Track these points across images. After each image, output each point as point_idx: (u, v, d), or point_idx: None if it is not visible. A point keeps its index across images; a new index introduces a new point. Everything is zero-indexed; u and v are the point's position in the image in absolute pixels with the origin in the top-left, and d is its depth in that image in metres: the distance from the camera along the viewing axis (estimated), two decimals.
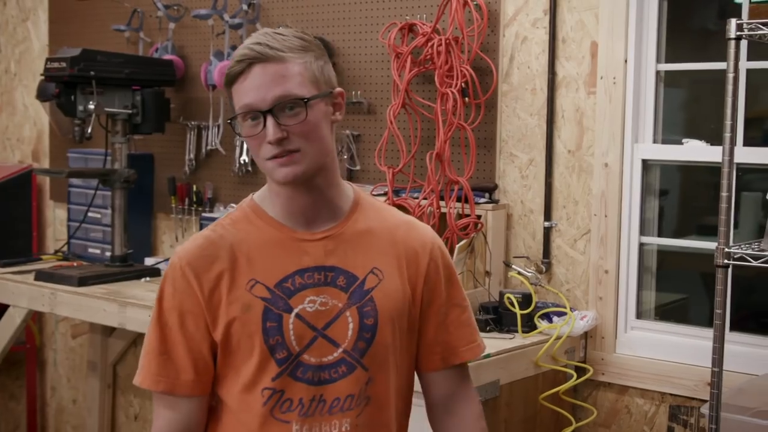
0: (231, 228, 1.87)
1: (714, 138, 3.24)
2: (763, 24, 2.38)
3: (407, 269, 1.93)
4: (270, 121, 1.77)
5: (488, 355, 3.03)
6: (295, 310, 1.82)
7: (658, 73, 3.33)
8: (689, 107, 3.61)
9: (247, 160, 4.24)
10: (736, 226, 4.28)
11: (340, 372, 1.85)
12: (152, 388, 1.86)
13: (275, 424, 1.84)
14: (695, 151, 3.29)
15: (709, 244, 3.39)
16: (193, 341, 1.83)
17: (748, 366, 3.03)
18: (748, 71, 3.14)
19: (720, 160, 3.18)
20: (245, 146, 4.23)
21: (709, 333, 3.23)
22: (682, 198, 3.67)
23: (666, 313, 3.58)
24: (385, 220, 1.96)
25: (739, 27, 2.40)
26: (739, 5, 3.16)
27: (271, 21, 4.15)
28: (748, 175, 4.22)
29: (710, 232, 3.62)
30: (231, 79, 1.81)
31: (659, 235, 3.44)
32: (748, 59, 3.11)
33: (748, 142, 3.19)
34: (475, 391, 2.13)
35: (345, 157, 3.96)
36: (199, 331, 1.83)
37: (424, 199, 3.56)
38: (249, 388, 1.84)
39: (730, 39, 2.41)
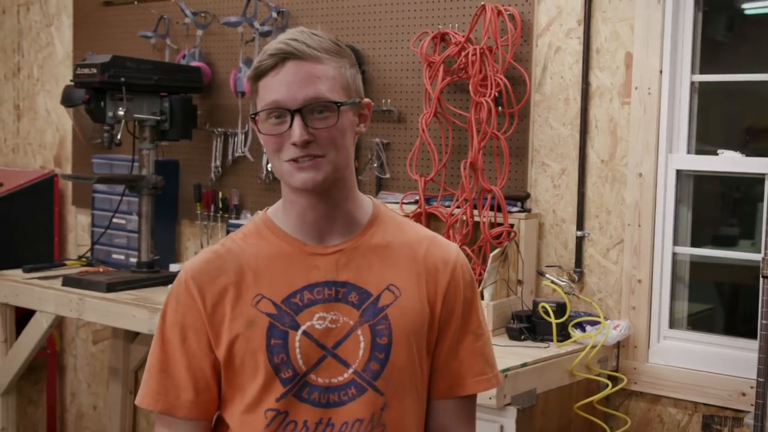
0: (241, 242, 1.79)
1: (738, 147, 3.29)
2: None
3: (427, 287, 1.80)
4: (298, 121, 1.68)
5: (525, 364, 3.04)
6: (303, 327, 1.72)
7: (692, 84, 3.35)
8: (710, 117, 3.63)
9: None
10: (752, 237, 4.32)
11: (349, 394, 1.72)
12: (151, 407, 1.78)
13: None
14: (730, 162, 3.30)
15: (738, 254, 3.41)
16: (195, 358, 1.74)
17: None
18: (753, 83, 3.26)
19: (753, 171, 3.25)
20: None
21: (742, 343, 3.28)
22: (700, 208, 3.69)
23: (696, 322, 3.60)
24: (405, 234, 1.84)
25: None
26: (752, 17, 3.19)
27: (298, 26, 4.16)
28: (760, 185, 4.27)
29: (726, 242, 3.66)
30: (261, 73, 1.71)
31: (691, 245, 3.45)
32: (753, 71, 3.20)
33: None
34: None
35: (375, 165, 3.97)
36: (201, 347, 1.74)
37: (458, 207, 3.57)
38: (252, 408, 1.74)
39: None
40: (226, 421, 1.79)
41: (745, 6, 3.46)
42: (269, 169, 4.26)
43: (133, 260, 4.36)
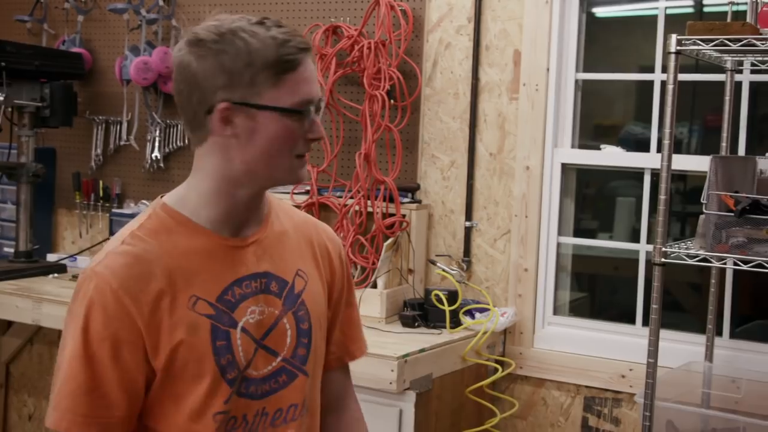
0: (151, 239, 1.62)
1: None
2: (701, 40, 2.56)
3: (323, 269, 1.82)
4: (318, 117, 1.63)
5: (423, 350, 3.13)
6: (240, 324, 1.65)
7: (577, 81, 3.51)
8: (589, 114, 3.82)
9: (159, 156, 4.21)
10: (611, 229, 4.56)
11: (280, 382, 1.69)
12: (75, 428, 1.56)
13: None
14: (612, 156, 3.49)
15: (627, 245, 3.60)
16: (128, 373, 1.57)
17: (662, 359, 3.23)
18: (597, 82, 3.48)
19: (634, 165, 3.45)
20: (157, 142, 4.21)
21: (621, 327, 3.47)
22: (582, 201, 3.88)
23: (575, 309, 3.78)
24: (293, 219, 1.82)
25: (679, 42, 2.58)
26: (646, 19, 3.39)
27: (188, 17, 4.15)
28: (617, 181, 4.51)
29: (586, 235, 3.86)
30: (290, 66, 1.57)
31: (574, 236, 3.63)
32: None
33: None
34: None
35: None
36: (135, 361, 1.57)
37: (351, 198, 3.64)
38: (198, 415, 1.62)
39: (670, 53, 2.59)
40: (158, 431, 1.65)
41: (595, 10, 3.65)
42: (154, 158, 4.21)
43: (8, 250, 4.25)
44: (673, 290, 4.05)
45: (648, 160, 3.38)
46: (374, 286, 3.56)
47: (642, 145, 3.57)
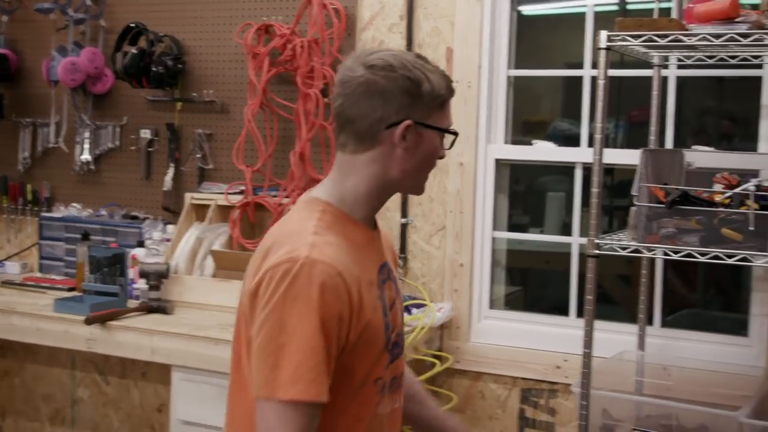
0: (332, 233, 1.83)
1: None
2: (630, 36, 2.63)
3: (393, 257, 2.07)
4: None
5: None
6: (387, 303, 1.90)
7: (508, 78, 3.56)
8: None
9: (89, 159, 4.16)
10: (542, 224, 4.65)
11: (395, 353, 1.93)
12: (318, 399, 1.73)
13: (377, 408, 1.89)
14: (545, 151, 3.55)
15: (560, 239, 3.67)
16: (336, 348, 1.77)
17: (596, 349, 3.29)
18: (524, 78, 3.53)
19: (565, 160, 3.51)
20: (86, 144, 4.17)
21: (555, 320, 3.53)
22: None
23: (511, 302, 3.84)
24: None
25: (609, 38, 2.64)
26: (572, 17, 3.46)
27: (116, 17, 4.10)
28: (546, 176, 4.60)
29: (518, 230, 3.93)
30: (449, 97, 1.89)
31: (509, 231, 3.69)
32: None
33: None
34: None
35: (197, 156, 3.97)
36: (342, 336, 1.78)
37: (286, 197, 3.64)
38: (364, 381, 1.85)
39: (600, 49, 2.64)
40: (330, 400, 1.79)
41: (524, 8, 3.72)
42: (83, 160, 4.16)
43: None
44: (603, 282, 4.14)
45: (579, 155, 3.44)
46: None
47: (570, 141, 3.64)
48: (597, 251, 2.70)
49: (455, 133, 1.92)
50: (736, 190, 2.62)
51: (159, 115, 4.09)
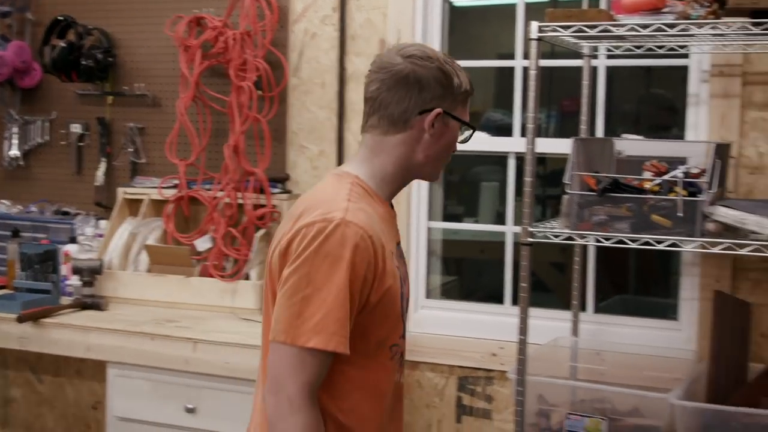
0: (364, 203, 1.95)
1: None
2: (560, 27, 2.66)
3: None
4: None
5: None
6: (402, 277, 2.03)
7: None
8: None
9: (18, 154, 4.09)
10: (476, 214, 4.70)
11: (405, 328, 2.07)
12: (341, 349, 1.85)
13: (393, 376, 2.03)
14: (479, 141, 3.56)
15: (495, 228, 3.71)
16: (356, 308, 1.89)
17: (530, 336, 3.34)
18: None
19: (499, 149, 3.55)
20: (15, 140, 4.10)
21: (492, 308, 3.58)
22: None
23: (447, 292, 3.87)
24: None
25: (540, 29, 2.67)
26: (502, 8, 3.49)
27: (44, 10, 4.04)
28: (479, 167, 4.65)
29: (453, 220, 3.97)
30: (469, 95, 2.05)
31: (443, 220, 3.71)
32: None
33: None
34: None
35: (130, 150, 3.93)
36: (362, 298, 1.90)
37: (221, 191, 3.62)
38: (381, 345, 1.96)
39: (531, 39, 2.68)
40: (339, 356, 1.90)
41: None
42: (12, 156, 4.09)
43: None
44: (538, 270, 4.20)
45: (512, 145, 3.48)
46: (247, 277, 3.56)
47: (502, 131, 3.67)
48: (530, 239, 2.73)
49: (474, 127, 2.08)
50: (665, 178, 2.68)
51: (89, 109, 4.04)
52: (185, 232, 3.74)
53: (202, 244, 3.66)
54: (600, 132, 3.39)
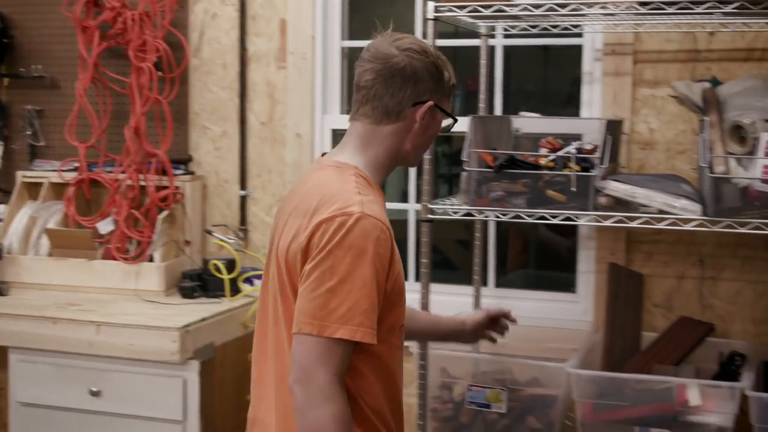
0: (370, 194, 1.99)
1: None
2: (457, 7, 2.71)
3: None
4: None
5: (204, 319, 3.16)
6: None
7: (342, 49, 3.61)
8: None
9: None
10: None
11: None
12: (366, 339, 1.88)
13: (402, 353, 2.10)
14: None
15: (398, 206, 3.75)
16: (382, 296, 1.95)
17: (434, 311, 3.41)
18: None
19: None
20: None
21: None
22: None
23: None
24: None
25: (437, 9, 2.71)
26: None
27: None
28: None
29: None
30: (454, 89, 2.14)
31: None
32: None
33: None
34: None
35: (28, 133, 3.87)
36: (383, 288, 1.94)
37: (122, 172, 3.59)
38: (392, 327, 2.01)
39: (427, 20, 2.72)
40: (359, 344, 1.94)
41: None
42: None
43: None
44: (444, 247, 4.27)
45: None
46: (151, 259, 3.54)
47: None
48: (430, 216, 2.78)
49: (456, 120, 2.16)
50: (559, 154, 2.75)
51: None
52: (87, 215, 3.70)
53: (105, 226, 3.63)
54: (499, 110, 3.46)
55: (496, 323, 2.62)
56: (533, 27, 3.08)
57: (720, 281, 3.19)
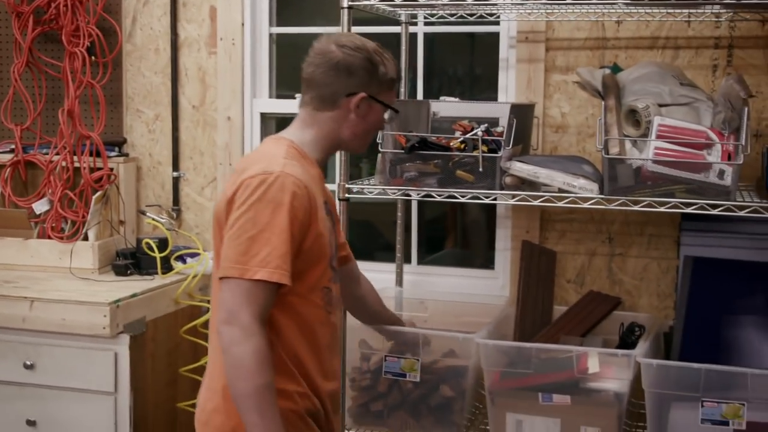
0: (297, 161, 2.24)
1: None
2: None
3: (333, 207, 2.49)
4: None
5: (135, 295, 3.28)
6: (330, 228, 2.33)
7: (271, 35, 3.74)
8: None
9: None
10: None
11: (336, 277, 2.38)
12: (284, 280, 2.11)
13: (327, 316, 2.31)
14: None
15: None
16: (296, 246, 2.17)
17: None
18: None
19: None
20: None
21: None
22: None
23: None
24: None
25: None
26: None
27: None
28: None
29: None
30: (398, 82, 2.39)
31: None
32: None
33: None
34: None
35: None
36: (300, 241, 2.17)
37: (57, 154, 3.70)
38: (313, 286, 2.24)
39: (343, 8, 2.85)
40: (281, 296, 2.18)
41: None
42: None
43: None
44: (384, 229, 4.40)
45: None
46: (85, 238, 3.65)
47: None
48: (347, 195, 2.92)
49: (397, 111, 2.44)
50: (467, 136, 2.90)
51: None
52: (23, 196, 3.81)
53: (40, 206, 3.74)
54: (420, 95, 3.60)
55: None
56: (452, 15, 3.21)
57: (628, 258, 3.37)
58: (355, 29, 2.92)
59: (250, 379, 2.06)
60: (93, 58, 3.67)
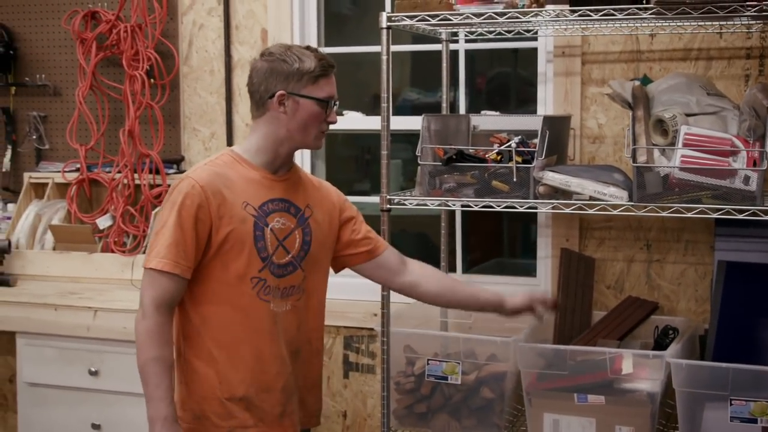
0: (225, 167, 2.51)
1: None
2: (407, 16, 2.99)
3: (330, 208, 2.72)
4: (335, 109, 2.59)
5: None
6: (270, 225, 2.53)
7: None
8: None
9: None
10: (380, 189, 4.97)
11: (288, 270, 2.57)
12: (168, 269, 2.40)
13: (260, 302, 2.54)
14: (353, 120, 3.90)
15: (369, 199, 4.03)
16: (199, 241, 2.44)
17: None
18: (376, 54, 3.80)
19: (372, 128, 3.85)
20: None
21: None
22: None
23: None
24: (307, 176, 2.75)
25: (389, 19, 2.99)
26: None
27: None
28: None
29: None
30: (323, 74, 2.51)
31: None
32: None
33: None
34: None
35: (33, 137, 4.19)
36: (204, 234, 2.44)
37: (119, 172, 3.91)
38: (241, 277, 2.49)
39: (382, 29, 3.00)
40: (209, 285, 2.50)
41: None
42: None
43: None
44: (435, 239, 4.52)
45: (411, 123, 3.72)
46: (145, 251, 3.84)
47: (418, 110, 3.93)
48: (388, 206, 3.06)
49: (326, 101, 2.53)
50: (501, 147, 3.03)
51: None
52: (87, 212, 4.03)
53: (103, 222, 3.95)
54: (463, 109, 3.74)
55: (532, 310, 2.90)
56: (490, 32, 3.34)
57: (666, 264, 3.45)
58: (398, 47, 3.05)
59: (141, 353, 2.41)
60: (152, 80, 3.88)
